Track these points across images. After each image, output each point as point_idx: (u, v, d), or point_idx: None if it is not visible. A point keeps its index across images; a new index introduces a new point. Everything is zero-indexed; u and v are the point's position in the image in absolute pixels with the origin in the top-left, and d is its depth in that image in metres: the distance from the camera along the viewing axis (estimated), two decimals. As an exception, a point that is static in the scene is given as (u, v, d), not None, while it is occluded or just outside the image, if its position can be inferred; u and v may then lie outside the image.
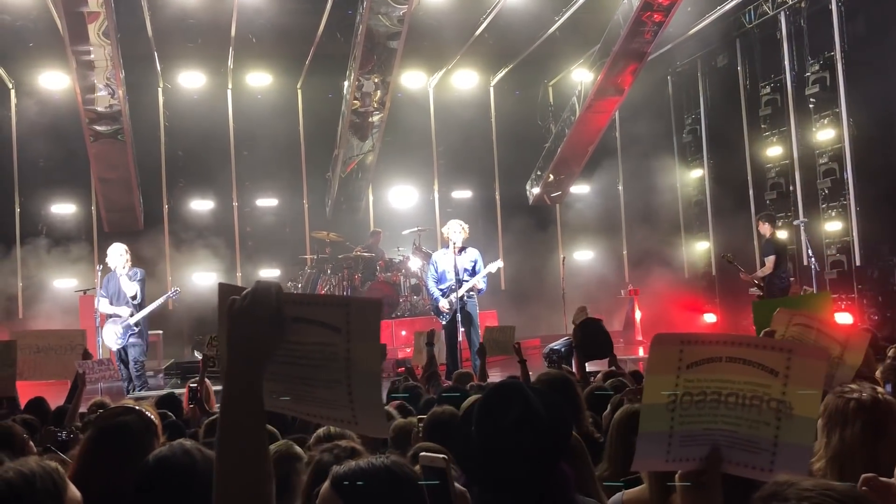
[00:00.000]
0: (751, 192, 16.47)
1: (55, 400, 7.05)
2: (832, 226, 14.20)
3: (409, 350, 13.09)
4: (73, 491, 1.95)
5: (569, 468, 2.63)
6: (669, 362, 1.86)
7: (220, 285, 1.77)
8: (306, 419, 1.97)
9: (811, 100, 14.49)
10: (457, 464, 2.38)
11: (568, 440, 2.60)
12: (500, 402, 2.46)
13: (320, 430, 3.65)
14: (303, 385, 1.69)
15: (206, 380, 6.95)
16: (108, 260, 11.30)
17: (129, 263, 11.30)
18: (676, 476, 1.90)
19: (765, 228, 13.07)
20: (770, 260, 12.72)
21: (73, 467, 2.78)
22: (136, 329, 11.19)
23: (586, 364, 7.17)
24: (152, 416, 2.95)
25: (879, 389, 2.50)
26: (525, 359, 7.48)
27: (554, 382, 4.37)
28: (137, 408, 2.98)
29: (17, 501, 1.83)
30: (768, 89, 15.67)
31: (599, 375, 6.56)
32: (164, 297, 11.93)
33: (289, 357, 1.66)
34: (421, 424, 4.15)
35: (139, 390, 10.93)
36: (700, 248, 18.33)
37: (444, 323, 11.68)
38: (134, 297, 11.20)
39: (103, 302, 11.20)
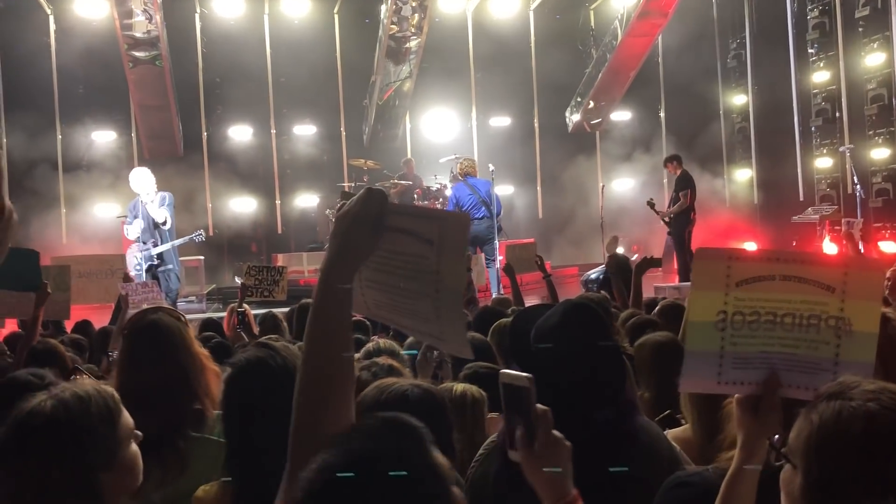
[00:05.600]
0: (796, 118, 16.13)
1: (99, 323, 7.21)
2: (879, 153, 13.89)
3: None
4: (127, 417, 2.02)
5: (631, 391, 2.65)
6: (716, 278, 1.79)
7: (342, 192, 1.82)
8: (403, 331, 1.99)
9: (860, 23, 14.06)
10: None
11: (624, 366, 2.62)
12: (576, 321, 2.48)
13: (369, 345, 3.71)
14: (397, 295, 1.71)
15: (247, 306, 7.07)
16: (132, 185, 11.15)
17: (156, 188, 11.09)
18: (734, 400, 1.85)
19: (672, 168, 13.26)
20: (685, 193, 12.65)
21: (116, 371, 2.89)
22: (157, 261, 10.96)
23: None
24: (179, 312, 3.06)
25: None
26: (550, 274, 7.46)
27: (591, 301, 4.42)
28: (163, 306, 3.09)
29: (71, 423, 1.89)
30: (816, 12, 15.18)
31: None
32: (188, 237, 11.55)
33: (387, 266, 1.68)
34: None
35: None
36: (743, 177, 18.07)
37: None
38: (164, 223, 11.03)
39: (131, 229, 11.02)
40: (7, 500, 1.87)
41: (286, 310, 7.25)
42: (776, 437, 1.71)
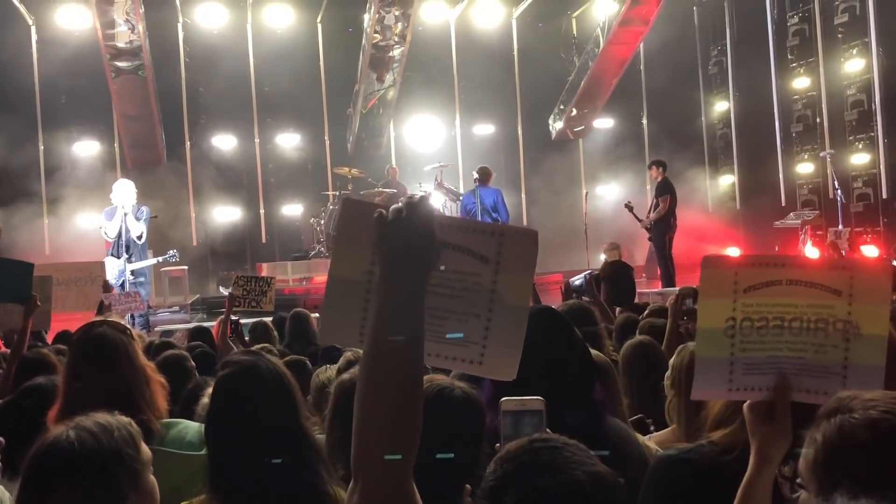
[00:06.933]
0: (777, 124, 16.25)
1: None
2: (859, 158, 14.03)
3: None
4: (145, 446, 2.08)
5: (601, 393, 2.68)
6: (724, 286, 1.80)
7: (346, 200, 1.65)
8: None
9: (840, 29, 14.21)
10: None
11: (594, 368, 2.66)
12: (540, 325, 2.51)
13: (348, 353, 3.69)
14: (432, 317, 1.55)
15: (237, 317, 7.11)
16: (114, 196, 11.14)
17: (135, 201, 11.10)
18: (744, 407, 1.85)
19: (655, 173, 13.28)
20: (665, 199, 12.68)
21: (61, 383, 2.89)
22: (132, 278, 10.96)
23: None
24: (124, 323, 3.06)
25: None
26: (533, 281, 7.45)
27: (572, 310, 4.39)
28: (108, 318, 3.08)
29: (97, 446, 1.93)
30: (796, 19, 15.34)
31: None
32: (162, 258, 11.75)
33: (432, 284, 1.54)
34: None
35: (143, 329, 10.59)
36: (724, 182, 18.18)
37: None
38: (140, 237, 11.05)
39: (109, 227, 11.02)
40: None
41: (269, 319, 7.28)
42: (786, 468, 1.71)
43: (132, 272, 10.99)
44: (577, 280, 11.71)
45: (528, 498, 1.39)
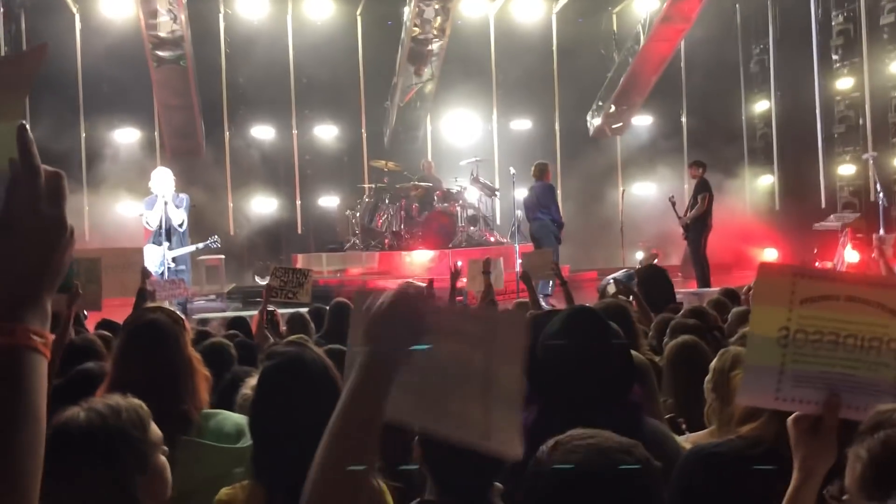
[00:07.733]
0: (818, 124, 16.05)
1: (120, 318, 7.26)
2: (902, 161, 13.83)
3: (464, 280, 13.10)
4: (155, 427, 2.11)
5: (639, 392, 2.68)
6: (780, 294, 1.78)
7: (357, 293, 1.71)
8: (434, 435, 1.83)
9: (885, 30, 14.00)
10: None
11: (632, 368, 2.66)
12: (577, 325, 2.52)
13: None
14: (436, 399, 1.62)
15: (274, 307, 7.16)
16: (153, 185, 11.30)
17: (174, 189, 11.25)
18: (789, 421, 1.84)
19: (695, 172, 13.22)
20: (704, 198, 12.58)
21: (111, 367, 2.94)
22: (174, 265, 11.10)
23: None
24: (178, 312, 3.12)
25: None
26: (566, 280, 7.46)
27: (608, 309, 4.37)
28: (163, 306, 3.16)
29: (105, 429, 2.00)
30: (841, 18, 15.12)
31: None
32: (203, 244, 11.86)
33: (427, 368, 1.58)
34: None
35: None
36: (764, 182, 17.99)
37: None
38: (181, 225, 11.18)
39: (150, 216, 11.20)
40: None
41: (305, 310, 7.32)
42: (832, 487, 1.70)
43: (173, 259, 11.12)
44: (615, 277, 11.66)
45: (569, 478, 1.47)
